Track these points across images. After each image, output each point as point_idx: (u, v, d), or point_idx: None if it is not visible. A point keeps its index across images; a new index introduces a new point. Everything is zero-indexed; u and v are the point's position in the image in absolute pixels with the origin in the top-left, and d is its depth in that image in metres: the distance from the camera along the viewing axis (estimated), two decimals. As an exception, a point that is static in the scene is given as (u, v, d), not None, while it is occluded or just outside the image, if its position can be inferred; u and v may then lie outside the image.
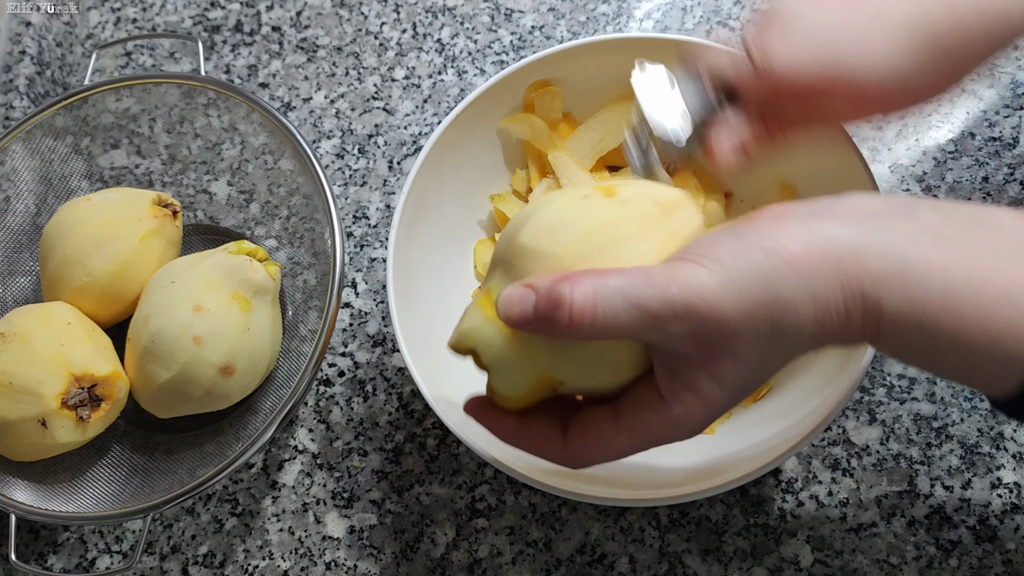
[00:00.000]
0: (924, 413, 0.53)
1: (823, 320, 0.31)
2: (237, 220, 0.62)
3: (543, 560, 0.52)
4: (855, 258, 0.31)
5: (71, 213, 0.55)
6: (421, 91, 0.66)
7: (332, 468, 0.56)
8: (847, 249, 0.31)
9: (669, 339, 0.32)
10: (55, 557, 0.55)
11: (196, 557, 0.55)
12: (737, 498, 0.52)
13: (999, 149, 0.58)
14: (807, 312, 0.31)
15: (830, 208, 0.33)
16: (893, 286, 0.31)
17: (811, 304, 0.31)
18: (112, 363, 0.52)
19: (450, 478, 0.55)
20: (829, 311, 0.31)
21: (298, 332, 0.56)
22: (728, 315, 0.31)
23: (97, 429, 0.52)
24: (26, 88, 0.66)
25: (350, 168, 0.64)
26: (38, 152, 0.60)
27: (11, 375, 0.49)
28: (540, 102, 0.56)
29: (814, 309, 0.31)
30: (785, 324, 0.31)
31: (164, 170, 0.64)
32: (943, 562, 0.49)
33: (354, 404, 0.58)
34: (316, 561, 0.54)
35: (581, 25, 0.67)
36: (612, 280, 0.32)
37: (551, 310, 0.32)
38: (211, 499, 0.56)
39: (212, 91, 0.59)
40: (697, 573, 0.51)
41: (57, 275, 0.54)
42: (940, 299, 0.30)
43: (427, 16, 0.69)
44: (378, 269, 0.61)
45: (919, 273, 0.31)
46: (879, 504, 0.51)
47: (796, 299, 0.31)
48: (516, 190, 0.58)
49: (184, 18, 0.72)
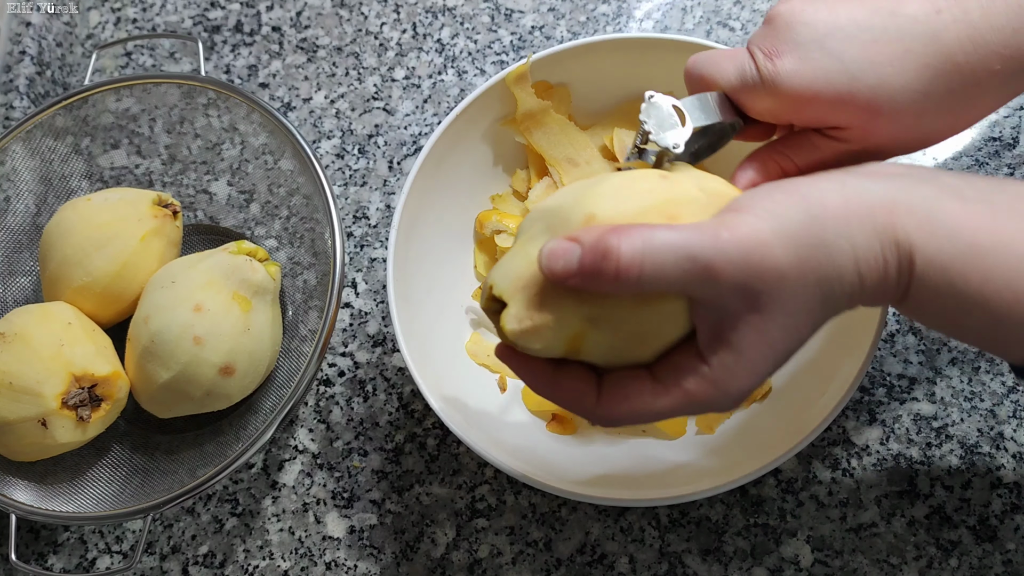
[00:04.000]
0: (924, 413, 0.53)
1: (862, 271, 0.32)
2: (237, 220, 0.62)
3: (543, 560, 0.52)
4: (888, 210, 0.31)
5: (71, 213, 0.55)
6: (421, 91, 0.66)
7: (332, 468, 0.56)
8: (879, 201, 0.32)
9: (718, 292, 0.31)
10: (55, 557, 0.55)
11: (196, 557, 0.55)
12: (737, 498, 0.52)
13: (999, 149, 0.58)
14: (849, 262, 0.32)
15: (855, 169, 0.34)
16: (925, 238, 0.31)
17: (852, 253, 0.31)
18: (112, 363, 0.52)
19: (450, 478, 0.55)
20: (868, 261, 0.32)
21: (298, 332, 0.56)
22: (781, 261, 0.31)
23: (97, 429, 0.52)
24: (26, 88, 0.66)
25: (350, 168, 0.64)
26: (38, 152, 0.60)
27: (11, 375, 0.49)
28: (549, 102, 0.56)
29: (855, 259, 0.32)
30: (830, 275, 0.32)
31: (164, 170, 0.64)
32: (943, 562, 0.49)
33: (354, 404, 0.58)
34: (316, 561, 0.54)
35: (581, 25, 0.67)
36: (662, 232, 0.31)
37: (598, 261, 0.31)
38: (211, 499, 0.56)
39: (212, 91, 0.59)
40: (697, 573, 0.51)
41: (57, 275, 0.54)
42: (969, 255, 0.31)
43: (427, 16, 0.69)
44: (378, 269, 0.61)
45: (948, 227, 0.31)
46: (879, 504, 0.51)
47: (840, 248, 0.31)
48: (516, 190, 0.58)
49: (184, 18, 0.72)
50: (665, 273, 0.31)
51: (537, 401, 0.53)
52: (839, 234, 0.31)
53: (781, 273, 0.31)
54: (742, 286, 0.31)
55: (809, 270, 0.31)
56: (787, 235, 0.31)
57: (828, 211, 0.31)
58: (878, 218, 0.31)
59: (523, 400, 0.54)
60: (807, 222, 0.31)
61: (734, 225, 0.31)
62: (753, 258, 0.31)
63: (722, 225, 0.31)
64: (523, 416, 0.53)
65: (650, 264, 0.31)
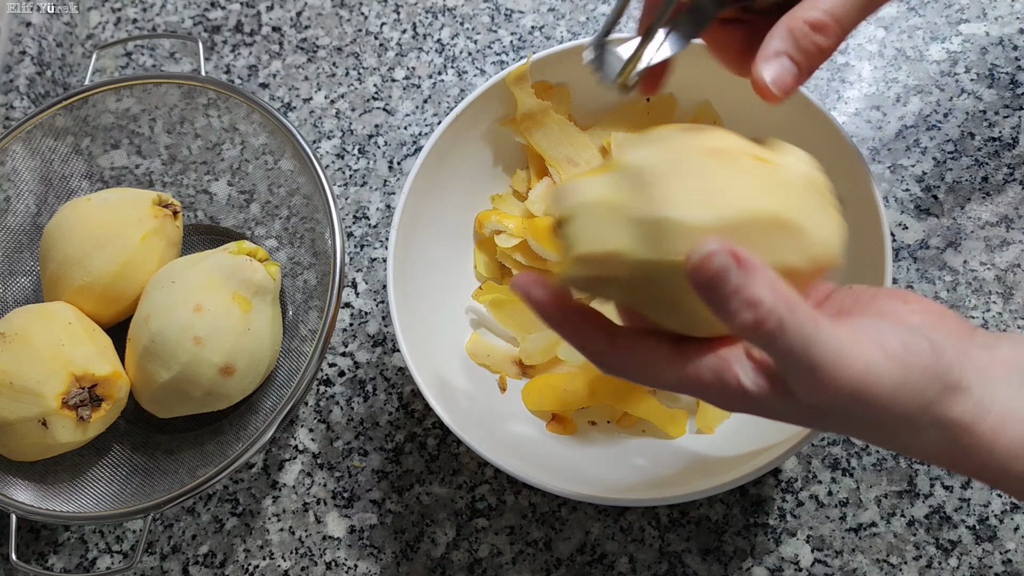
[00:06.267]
0: (924, 413, 0.53)
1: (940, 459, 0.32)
2: (237, 220, 0.62)
3: (543, 560, 0.52)
4: (992, 431, 0.31)
5: (71, 213, 0.55)
6: (421, 91, 0.66)
7: (332, 468, 0.56)
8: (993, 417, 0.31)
9: (801, 390, 0.30)
10: (55, 557, 0.56)
11: (196, 557, 0.55)
12: (737, 498, 0.52)
13: (999, 149, 0.58)
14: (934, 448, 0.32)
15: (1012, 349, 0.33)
16: None
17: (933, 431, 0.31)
18: (112, 363, 0.52)
19: (450, 478, 0.55)
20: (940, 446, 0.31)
21: (298, 332, 0.56)
22: (885, 414, 0.30)
23: (97, 429, 0.52)
24: (26, 88, 0.66)
25: (350, 168, 0.65)
26: (38, 152, 0.60)
27: (11, 375, 0.49)
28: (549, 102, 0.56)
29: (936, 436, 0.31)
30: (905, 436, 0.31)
31: (164, 170, 0.64)
32: (943, 562, 0.49)
33: (354, 404, 0.58)
34: (316, 561, 0.54)
35: (581, 25, 0.67)
36: (802, 313, 0.28)
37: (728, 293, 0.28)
38: (211, 499, 0.56)
39: (212, 91, 0.59)
40: (697, 573, 0.51)
41: (57, 275, 0.54)
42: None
43: (427, 16, 0.69)
44: (378, 269, 0.61)
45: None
46: (879, 504, 0.51)
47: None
48: (516, 190, 0.58)
49: (184, 18, 0.72)
50: (772, 345, 0.29)
51: (537, 401, 0.53)
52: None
53: (875, 416, 0.30)
54: (826, 407, 0.30)
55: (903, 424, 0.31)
56: (908, 389, 0.30)
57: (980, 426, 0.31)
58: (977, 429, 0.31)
59: (523, 400, 0.54)
60: (940, 391, 0.30)
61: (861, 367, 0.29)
62: (859, 398, 0.29)
63: (851, 355, 0.29)
64: (523, 416, 0.53)
65: (767, 329, 0.28)
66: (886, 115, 0.61)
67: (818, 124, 0.50)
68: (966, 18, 0.63)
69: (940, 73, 0.61)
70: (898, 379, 0.29)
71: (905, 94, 0.61)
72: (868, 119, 0.61)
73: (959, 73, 0.61)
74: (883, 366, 0.29)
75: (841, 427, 0.32)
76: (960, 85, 0.61)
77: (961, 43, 0.62)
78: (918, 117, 0.60)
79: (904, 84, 0.61)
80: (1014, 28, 0.62)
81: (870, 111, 0.61)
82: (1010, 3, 0.63)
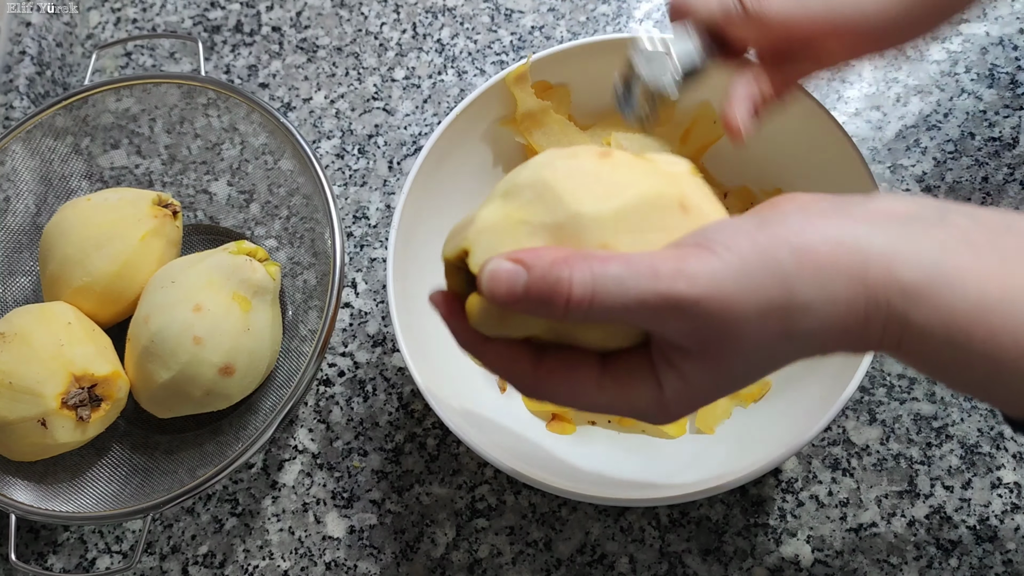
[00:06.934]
0: (924, 413, 0.53)
1: (839, 326, 0.30)
2: (237, 220, 0.62)
3: (543, 560, 0.52)
4: (886, 266, 0.29)
5: (71, 213, 0.55)
6: (421, 91, 0.66)
7: (332, 468, 0.56)
8: (877, 255, 0.29)
9: (668, 332, 0.31)
10: (55, 557, 0.55)
11: (196, 557, 0.55)
12: (737, 498, 0.52)
13: (999, 149, 0.58)
14: (824, 316, 0.30)
15: (860, 207, 0.31)
16: (924, 297, 0.29)
17: (830, 308, 0.30)
18: (112, 363, 0.52)
19: (450, 478, 0.55)
20: (847, 317, 0.30)
21: (298, 332, 0.56)
22: (739, 313, 0.29)
23: (97, 429, 0.52)
24: (26, 88, 0.66)
25: (350, 168, 0.64)
26: (38, 152, 0.60)
27: (11, 375, 0.49)
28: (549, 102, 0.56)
29: (832, 313, 0.30)
30: (798, 327, 0.30)
31: (164, 170, 0.64)
32: (943, 562, 0.49)
33: (354, 404, 0.58)
34: (316, 561, 0.54)
35: (581, 25, 0.67)
36: (613, 268, 0.30)
37: (546, 293, 0.30)
38: (211, 499, 0.56)
39: (212, 91, 0.59)
40: (697, 573, 0.51)
41: (57, 275, 0.54)
42: (975, 311, 0.29)
43: (427, 16, 0.69)
44: (378, 269, 0.61)
45: (954, 283, 0.29)
46: (879, 504, 0.51)
47: (814, 302, 0.29)
48: (516, 190, 0.58)
49: (184, 18, 0.72)
50: (615, 311, 0.30)
51: (537, 401, 0.53)
52: (820, 289, 0.29)
53: (739, 324, 0.29)
54: (693, 332, 0.30)
55: (773, 320, 0.30)
56: (753, 286, 0.29)
57: (812, 263, 0.29)
58: (872, 276, 0.29)
59: (523, 400, 0.54)
60: (780, 274, 0.29)
61: (692, 271, 0.29)
62: (709, 309, 0.29)
63: (680, 268, 0.29)
64: (523, 416, 0.53)
65: (599, 302, 0.30)
66: (886, 115, 0.61)
67: (818, 124, 0.50)
68: (966, 18, 0.63)
69: (940, 73, 0.61)
70: (739, 269, 0.29)
71: (905, 94, 0.61)
72: (868, 119, 0.61)
73: (959, 73, 0.61)
74: (728, 265, 0.29)
75: (747, 362, 0.31)
76: (960, 85, 0.61)
77: (961, 43, 0.62)
78: (918, 117, 0.60)
79: (904, 84, 0.61)
80: (1014, 28, 0.62)
81: (870, 111, 0.61)
82: (1010, 3, 0.63)
